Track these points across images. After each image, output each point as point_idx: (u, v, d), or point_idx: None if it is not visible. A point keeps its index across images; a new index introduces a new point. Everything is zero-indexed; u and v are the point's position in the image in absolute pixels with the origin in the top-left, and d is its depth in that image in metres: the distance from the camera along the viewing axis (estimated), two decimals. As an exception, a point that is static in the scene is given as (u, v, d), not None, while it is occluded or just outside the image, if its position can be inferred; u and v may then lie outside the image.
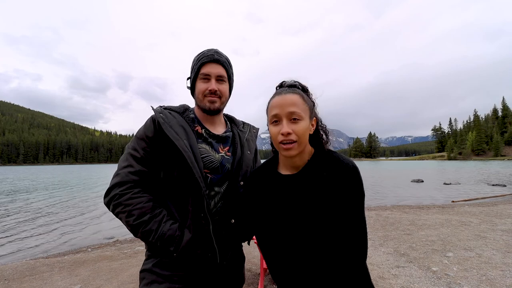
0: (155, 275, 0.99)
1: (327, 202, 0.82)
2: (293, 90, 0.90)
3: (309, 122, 0.89)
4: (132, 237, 6.01)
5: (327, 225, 0.82)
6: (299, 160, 0.91)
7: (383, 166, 55.96)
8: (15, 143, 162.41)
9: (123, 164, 1.02)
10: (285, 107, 0.85)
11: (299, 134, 0.85)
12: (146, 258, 1.05)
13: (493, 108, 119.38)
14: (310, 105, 0.91)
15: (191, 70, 1.12)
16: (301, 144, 0.87)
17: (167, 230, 0.95)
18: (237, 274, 1.15)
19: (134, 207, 0.94)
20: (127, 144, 1.08)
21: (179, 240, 0.96)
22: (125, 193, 0.96)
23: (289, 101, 0.86)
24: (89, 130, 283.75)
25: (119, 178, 0.98)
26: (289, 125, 0.85)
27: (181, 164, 0.99)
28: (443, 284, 2.82)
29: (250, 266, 3.50)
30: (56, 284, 3.23)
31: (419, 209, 7.79)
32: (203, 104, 1.10)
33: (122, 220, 0.97)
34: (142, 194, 0.98)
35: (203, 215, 1.00)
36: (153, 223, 0.95)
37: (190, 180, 0.99)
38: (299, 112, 0.85)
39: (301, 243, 0.85)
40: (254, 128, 1.33)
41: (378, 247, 4.16)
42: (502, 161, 69.94)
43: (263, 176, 1.01)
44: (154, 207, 0.98)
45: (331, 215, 0.82)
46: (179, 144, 0.99)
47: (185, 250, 0.97)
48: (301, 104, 0.87)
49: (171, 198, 1.03)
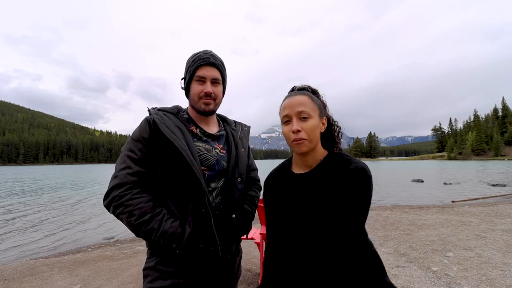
0: (159, 272, 1.01)
1: (333, 200, 0.85)
2: (302, 92, 0.97)
3: (319, 121, 0.94)
4: (132, 237, 6.02)
5: (330, 222, 0.85)
6: (311, 159, 0.96)
7: (383, 166, 55.97)
8: (15, 143, 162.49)
9: (120, 166, 1.02)
10: (294, 107, 0.92)
11: (308, 131, 0.90)
12: (149, 257, 1.07)
13: (493, 108, 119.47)
14: (320, 105, 0.96)
15: (186, 71, 1.15)
16: (312, 141, 0.91)
17: (168, 228, 0.97)
18: (236, 267, 1.20)
19: (134, 207, 0.96)
20: (122, 146, 1.09)
21: (181, 236, 0.99)
22: (125, 194, 0.97)
23: (297, 101, 0.92)
24: (89, 130, 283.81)
25: (118, 180, 0.99)
26: (298, 123, 0.91)
27: (180, 163, 1.01)
28: (443, 284, 2.82)
29: (250, 266, 3.50)
30: (56, 284, 3.23)
31: (419, 209, 7.79)
32: (198, 106, 1.13)
33: (123, 220, 0.98)
34: (142, 195, 0.99)
35: (204, 211, 1.03)
36: (154, 222, 0.97)
37: (189, 178, 1.02)
38: (307, 111, 0.91)
39: (305, 240, 0.89)
40: (246, 126, 1.38)
41: (378, 247, 4.16)
42: (502, 161, 69.97)
43: (278, 175, 1.07)
44: (154, 207, 1.00)
45: (334, 213, 0.85)
46: (177, 143, 1.01)
47: (187, 245, 1.00)
48: (309, 103, 0.93)
49: (171, 197, 1.05)
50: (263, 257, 2.87)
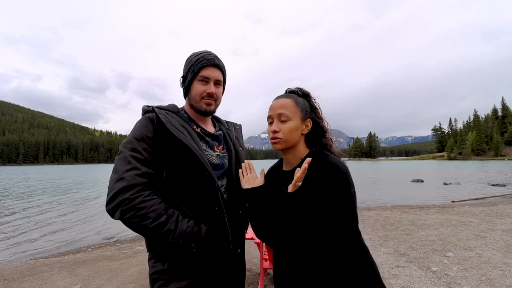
0: (171, 274, 0.99)
1: (311, 197, 0.89)
2: (288, 95, 1.03)
3: (300, 123, 1.00)
4: (132, 237, 6.01)
5: (312, 218, 0.87)
6: (291, 158, 1.04)
7: (383, 166, 55.95)
8: (15, 143, 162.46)
9: (125, 167, 0.95)
10: (275, 110, 1.00)
11: (285, 132, 0.98)
12: (155, 261, 1.02)
13: (493, 108, 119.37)
14: (304, 108, 1.01)
15: (188, 70, 1.12)
16: (287, 141, 0.99)
17: (186, 228, 0.97)
18: (244, 261, 1.22)
19: (148, 209, 0.92)
20: (121, 146, 1.02)
21: (198, 235, 0.99)
22: (136, 197, 0.91)
23: (279, 104, 1.00)
24: (89, 130, 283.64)
25: (126, 182, 0.92)
26: (277, 124, 0.99)
27: (190, 162, 1.01)
28: (443, 284, 2.82)
29: (250, 266, 3.50)
30: (56, 284, 3.23)
31: (419, 209, 7.80)
32: (199, 106, 1.13)
33: (135, 225, 0.92)
34: (153, 196, 0.96)
35: (218, 208, 1.04)
36: (171, 223, 0.95)
37: (201, 177, 1.02)
38: (287, 113, 0.98)
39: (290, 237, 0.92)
40: (237, 124, 1.41)
41: (378, 247, 4.16)
42: (502, 161, 69.96)
43: (272, 173, 1.15)
44: (167, 208, 0.98)
45: (314, 209, 0.87)
46: (188, 142, 1.00)
47: (204, 243, 1.00)
48: (291, 107, 0.99)
49: (180, 197, 1.03)
50: (263, 257, 2.87)
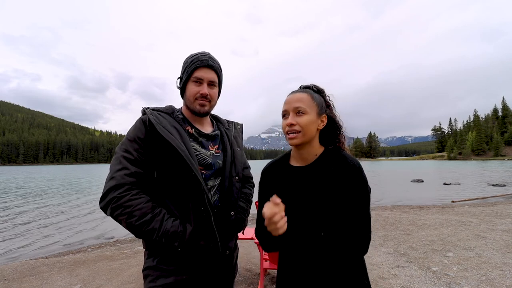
0: (160, 271, 1.03)
1: (333, 195, 0.91)
2: (304, 90, 1.01)
3: (316, 118, 0.98)
4: (132, 237, 6.01)
5: (330, 215, 0.90)
6: (306, 153, 1.01)
7: (383, 166, 55.94)
8: (15, 143, 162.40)
9: (117, 167, 1.00)
10: (292, 103, 0.97)
11: (302, 125, 0.95)
12: (147, 257, 1.07)
13: (493, 108, 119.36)
14: (320, 103, 1.00)
15: (183, 71, 1.15)
16: (305, 134, 0.96)
17: (170, 227, 0.98)
18: (234, 262, 1.23)
19: (134, 208, 0.96)
20: (117, 147, 1.07)
21: (182, 235, 1.00)
22: (123, 196, 0.96)
23: (295, 98, 0.98)
24: (89, 130, 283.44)
25: (115, 181, 0.97)
26: (293, 117, 0.96)
27: (178, 163, 1.02)
28: (443, 284, 2.82)
29: (250, 266, 3.50)
30: (56, 284, 3.23)
31: (419, 209, 7.79)
32: (193, 107, 1.14)
33: (122, 222, 0.97)
34: (141, 195, 0.99)
35: (204, 209, 1.04)
36: (155, 222, 0.97)
37: (188, 177, 1.03)
38: (303, 107, 0.96)
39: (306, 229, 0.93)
40: (238, 124, 1.41)
41: (378, 247, 4.16)
42: (502, 161, 69.94)
43: (276, 168, 1.10)
44: (153, 207, 1.00)
45: (335, 207, 0.90)
46: (175, 143, 1.01)
47: (189, 243, 1.01)
48: (307, 100, 0.97)
49: (169, 196, 1.06)
50: (263, 257, 2.87)
